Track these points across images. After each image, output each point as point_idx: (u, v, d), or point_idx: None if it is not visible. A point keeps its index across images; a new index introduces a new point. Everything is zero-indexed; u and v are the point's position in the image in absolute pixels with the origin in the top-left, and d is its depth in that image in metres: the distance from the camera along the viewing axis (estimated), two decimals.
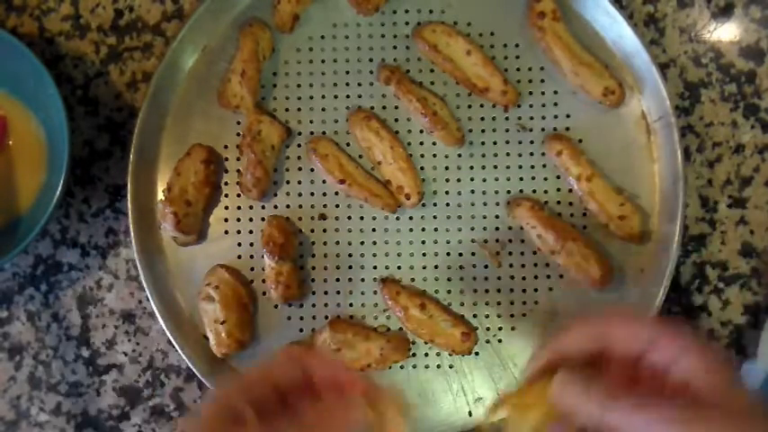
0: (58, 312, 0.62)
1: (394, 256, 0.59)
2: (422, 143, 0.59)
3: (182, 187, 0.58)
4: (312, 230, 0.60)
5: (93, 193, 0.63)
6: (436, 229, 0.59)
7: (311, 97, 0.60)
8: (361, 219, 0.60)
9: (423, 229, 0.59)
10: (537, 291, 0.59)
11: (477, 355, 0.59)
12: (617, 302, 0.58)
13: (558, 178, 0.59)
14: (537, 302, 0.59)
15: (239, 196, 0.60)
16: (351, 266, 0.59)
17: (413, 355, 0.59)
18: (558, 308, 0.58)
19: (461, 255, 0.59)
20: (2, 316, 0.63)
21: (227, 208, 0.60)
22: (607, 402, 0.35)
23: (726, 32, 0.61)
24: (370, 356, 0.57)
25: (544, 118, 0.59)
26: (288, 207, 0.60)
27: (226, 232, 0.60)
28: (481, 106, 0.59)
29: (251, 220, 0.60)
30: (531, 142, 0.59)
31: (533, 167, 0.59)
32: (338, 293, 0.59)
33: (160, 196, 0.59)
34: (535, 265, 0.59)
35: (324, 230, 0.60)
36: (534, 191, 0.59)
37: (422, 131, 0.59)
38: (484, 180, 0.59)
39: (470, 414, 0.59)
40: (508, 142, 0.59)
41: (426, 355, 0.59)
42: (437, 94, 0.59)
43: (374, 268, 0.59)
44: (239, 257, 0.60)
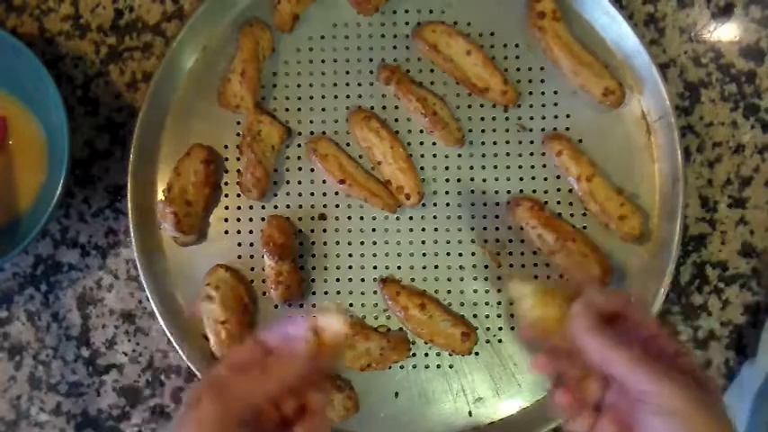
0: (58, 312, 0.62)
1: (394, 256, 0.59)
2: (422, 143, 0.59)
3: (182, 187, 0.58)
4: (312, 230, 0.60)
5: (93, 193, 0.63)
6: (436, 229, 0.59)
7: (311, 97, 0.60)
8: (361, 219, 0.60)
9: (423, 229, 0.59)
10: None
11: (477, 355, 0.59)
12: None
13: (558, 178, 0.59)
14: None
15: (239, 196, 0.60)
16: (351, 266, 0.59)
17: (413, 355, 0.59)
18: None
19: (461, 255, 0.59)
20: (2, 316, 0.63)
21: (227, 208, 0.60)
22: (609, 342, 0.39)
23: (726, 32, 0.61)
24: (370, 356, 0.57)
25: (544, 118, 0.59)
26: (288, 207, 0.60)
27: (226, 232, 0.60)
28: (481, 106, 0.59)
29: (251, 220, 0.60)
30: (531, 142, 0.59)
31: (533, 167, 0.59)
32: (338, 293, 0.59)
33: (160, 196, 0.59)
34: (535, 265, 0.59)
35: (324, 230, 0.60)
36: (534, 191, 0.59)
37: (422, 131, 0.59)
38: (484, 180, 0.59)
39: (470, 414, 0.59)
40: (508, 142, 0.59)
41: (426, 355, 0.59)
42: (437, 94, 0.59)
43: (374, 268, 0.59)
44: (239, 257, 0.60)
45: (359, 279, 0.59)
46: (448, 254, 0.59)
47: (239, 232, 0.60)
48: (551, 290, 0.43)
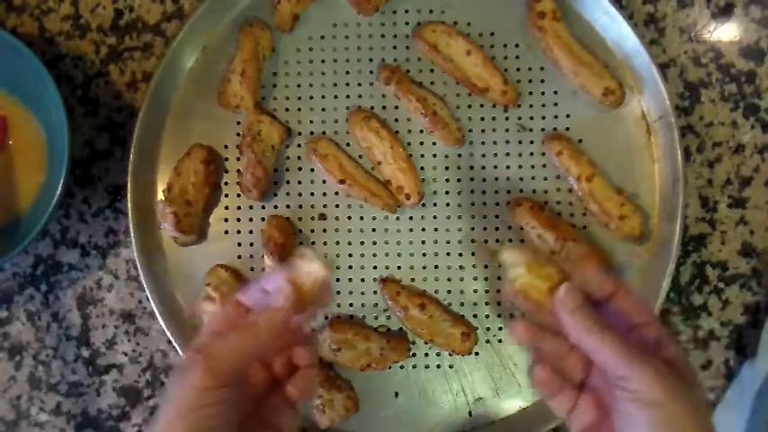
0: (58, 312, 0.62)
1: (394, 256, 0.59)
2: (422, 143, 0.59)
3: (182, 187, 0.58)
4: (312, 230, 0.60)
5: (93, 193, 0.63)
6: (436, 229, 0.59)
7: (311, 97, 0.60)
8: (361, 219, 0.60)
9: (423, 229, 0.59)
10: None
11: (477, 355, 0.59)
12: None
13: (558, 178, 0.59)
14: None
15: (239, 196, 0.60)
16: (351, 266, 0.59)
17: (413, 355, 0.59)
18: None
19: (461, 255, 0.59)
20: (2, 316, 0.63)
21: (227, 208, 0.60)
22: (591, 327, 0.39)
23: (726, 32, 0.61)
24: (370, 356, 0.57)
25: (544, 118, 0.59)
26: (288, 207, 0.60)
27: (226, 232, 0.60)
28: (481, 106, 0.59)
29: (251, 220, 0.60)
30: (531, 142, 0.59)
31: (533, 167, 0.59)
32: (338, 293, 0.59)
33: (160, 196, 0.59)
34: None
35: (324, 230, 0.60)
36: (534, 191, 0.59)
37: (422, 131, 0.59)
38: (484, 180, 0.59)
39: (470, 414, 0.59)
40: (508, 142, 0.59)
41: (426, 355, 0.59)
42: (437, 94, 0.59)
43: (374, 268, 0.59)
44: (239, 257, 0.60)
45: (359, 279, 0.59)
46: (448, 254, 0.59)
47: (239, 232, 0.60)
48: (545, 262, 0.43)
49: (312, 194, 0.60)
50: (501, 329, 0.59)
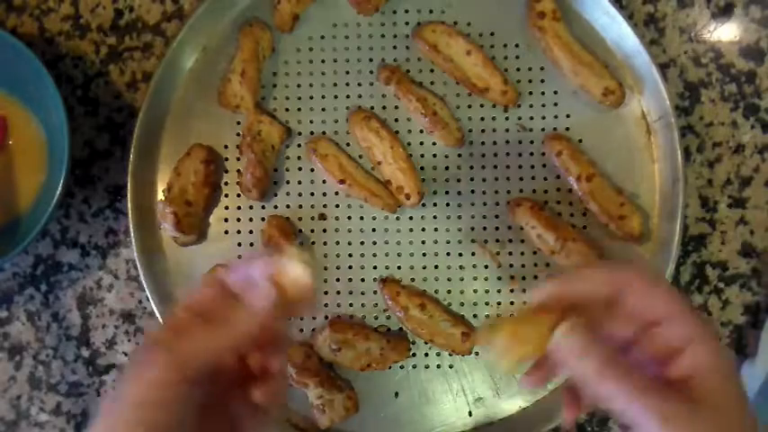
0: (58, 312, 0.62)
1: (394, 256, 0.59)
2: (422, 143, 0.59)
3: (182, 187, 0.58)
4: (312, 230, 0.60)
5: (93, 193, 0.63)
6: (436, 229, 0.59)
7: (311, 97, 0.60)
8: (361, 219, 0.60)
9: (423, 229, 0.59)
10: None
11: (477, 355, 0.59)
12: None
13: (558, 178, 0.59)
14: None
15: (239, 196, 0.60)
16: (351, 266, 0.59)
17: (413, 355, 0.59)
18: None
19: (461, 255, 0.59)
20: (2, 316, 0.63)
21: (227, 208, 0.60)
22: (602, 370, 0.35)
23: (726, 32, 0.61)
24: (370, 356, 0.57)
25: (544, 118, 0.59)
26: (288, 207, 0.60)
27: (226, 232, 0.60)
28: (481, 106, 0.59)
29: (251, 220, 0.60)
30: (531, 142, 0.59)
31: (533, 167, 0.59)
32: (338, 293, 0.59)
33: (160, 196, 0.59)
34: (535, 265, 0.59)
35: (324, 230, 0.60)
36: (534, 191, 0.59)
37: (422, 131, 0.59)
38: (484, 180, 0.59)
39: (470, 414, 0.59)
40: (508, 142, 0.59)
41: (426, 355, 0.59)
42: (437, 94, 0.59)
43: (374, 268, 0.59)
44: (239, 257, 0.60)
45: (359, 279, 0.59)
46: (448, 254, 0.59)
47: (239, 232, 0.60)
48: (522, 319, 0.38)
49: (312, 194, 0.60)
50: None
